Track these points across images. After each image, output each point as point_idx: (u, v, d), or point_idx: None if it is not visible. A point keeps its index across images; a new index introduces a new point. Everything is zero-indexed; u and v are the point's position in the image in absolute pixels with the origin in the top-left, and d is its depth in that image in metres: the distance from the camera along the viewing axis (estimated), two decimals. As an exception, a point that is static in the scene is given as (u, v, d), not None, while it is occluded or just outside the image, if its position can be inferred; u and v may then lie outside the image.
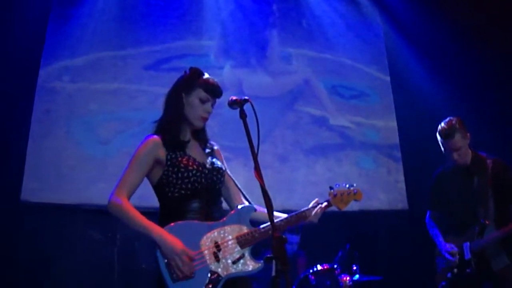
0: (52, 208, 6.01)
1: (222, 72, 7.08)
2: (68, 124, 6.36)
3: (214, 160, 3.25)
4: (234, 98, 2.98)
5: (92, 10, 6.82)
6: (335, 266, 5.26)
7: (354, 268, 5.66)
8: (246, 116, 2.94)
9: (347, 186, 3.50)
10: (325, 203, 3.38)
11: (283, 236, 2.46)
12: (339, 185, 3.48)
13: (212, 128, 3.55)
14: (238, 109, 2.94)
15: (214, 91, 3.21)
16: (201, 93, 3.17)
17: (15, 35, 6.25)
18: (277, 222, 3.07)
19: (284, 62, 7.47)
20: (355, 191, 3.49)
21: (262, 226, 3.09)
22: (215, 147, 3.38)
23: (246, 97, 2.98)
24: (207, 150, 3.29)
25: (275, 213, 3.07)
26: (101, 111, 6.51)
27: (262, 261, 2.98)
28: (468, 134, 4.36)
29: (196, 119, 3.15)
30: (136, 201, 6.32)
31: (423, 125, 7.07)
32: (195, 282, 2.85)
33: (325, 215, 3.48)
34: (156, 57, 6.87)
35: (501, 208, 4.30)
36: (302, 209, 3.29)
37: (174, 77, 3.42)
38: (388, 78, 7.82)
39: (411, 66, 7.72)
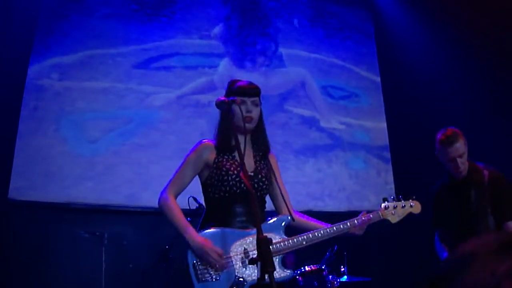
0: (39, 206, 5.98)
1: (213, 71, 7.06)
2: (57, 122, 6.33)
3: (260, 167, 3.33)
4: (221, 98, 3.06)
5: (82, 8, 6.79)
6: (323, 267, 5.25)
7: (342, 269, 5.66)
8: (233, 117, 3.00)
9: (402, 198, 3.47)
10: (372, 215, 3.37)
11: (268, 238, 2.46)
12: (393, 197, 3.47)
13: (201, 126, 3.57)
14: (227, 109, 3.01)
15: (246, 92, 3.26)
16: (237, 98, 3.20)
17: (5, 32, 6.21)
18: (316, 232, 3.20)
19: (275, 62, 7.46)
20: (412, 204, 3.46)
21: (297, 236, 3.16)
22: (270, 154, 3.46)
23: (233, 98, 3.03)
24: (258, 156, 3.36)
25: (317, 223, 3.32)
26: (90, 109, 6.47)
27: (290, 270, 3.16)
28: (467, 142, 4.17)
29: (240, 121, 3.15)
30: (124, 199, 6.34)
31: (413, 126, 7.09)
32: (219, 284, 3.00)
33: (313, 215, 3.48)
34: (146, 56, 6.83)
35: (501, 224, 4.16)
36: (346, 221, 3.30)
37: (164, 75, 3.44)
38: (378, 79, 7.83)
39: (402, 67, 7.73)
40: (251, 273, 3.02)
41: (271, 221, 3.23)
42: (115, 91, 6.62)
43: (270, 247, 2.48)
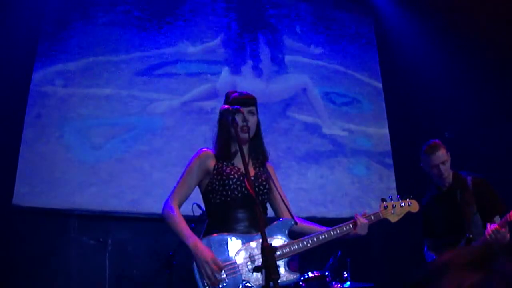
0: (43, 212, 5.98)
1: (216, 78, 7.08)
2: (60, 129, 6.34)
3: (260, 172, 3.37)
4: (226, 106, 3.08)
5: (85, 15, 6.82)
6: (326, 273, 5.25)
7: (345, 275, 5.66)
8: (237, 125, 3.02)
9: (400, 198, 3.54)
10: (373, 215, 3.41)
11: (273, 246, 2.47)
12: (391, 197, 3.53)
13: (204, 132, 3.59)
14: (230, 118, 3.03)
15: (241, 102, 3.30)
16: (241, 108, 3.24)
17: (8, 38, 6.24)
18: (320, 234, 3.22)
19: (278, 68, 7.49)
20: (409, 203, 3.54)
21: (301, 239, 3.18)
22: (267, 162, 3.50)
23: (237, 107, 3.05)
24: (257, 164, 3.41)
25: (318, 227, 3.33)
26: (93, 116, 6.49)
27: (296, 273, 3.17)
28: (449, 153, 4.46)
29: (238, 132, 3.16)
30: (128, 206, 6.35)
31: (415, 132, 7.10)
32: None
33: (316, 222, 3.49)
34: (148, 63, 6.85)
35: (488, 222, 4.31)
36: (349, 221, 3.33)
37: (167, 82, 3.45)
38: (380, 85, 7.84)
39: (403, 73, 7.74)
40: (258, 278, 3.01)
41: (275, 224, 3.24)
42: (118, 98, 6.63)
43: (275, 254, 2.49)
